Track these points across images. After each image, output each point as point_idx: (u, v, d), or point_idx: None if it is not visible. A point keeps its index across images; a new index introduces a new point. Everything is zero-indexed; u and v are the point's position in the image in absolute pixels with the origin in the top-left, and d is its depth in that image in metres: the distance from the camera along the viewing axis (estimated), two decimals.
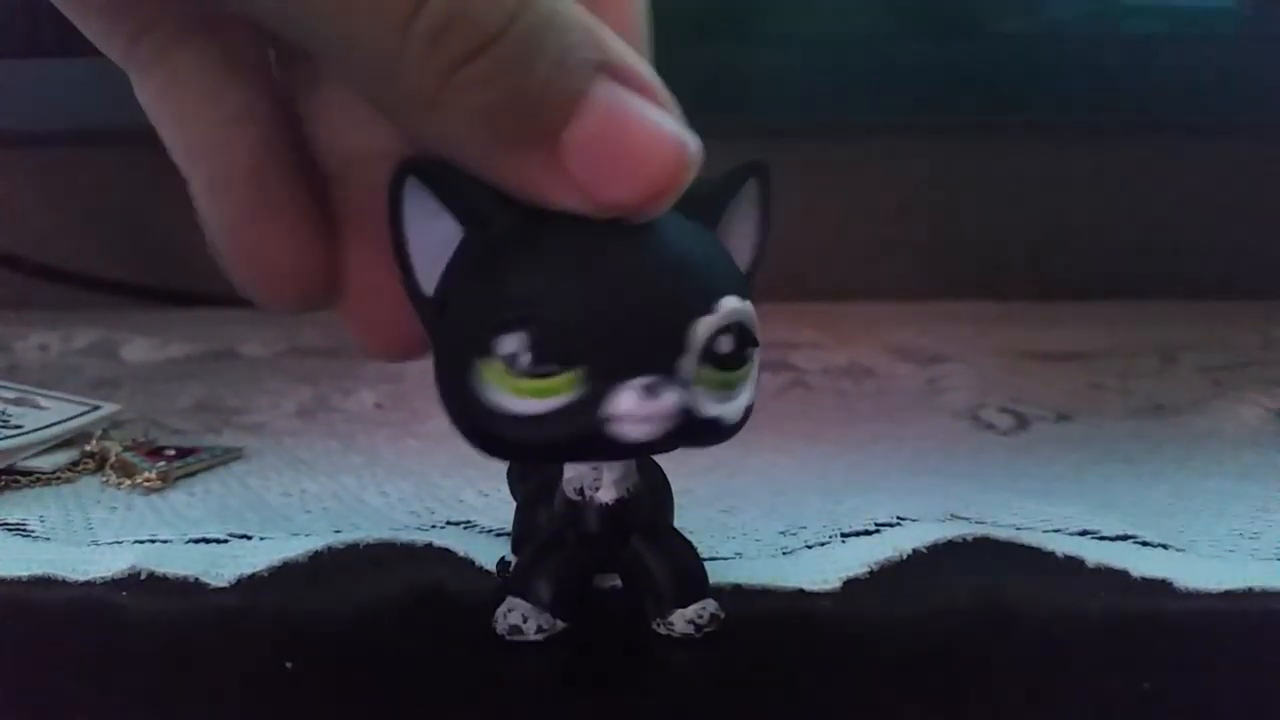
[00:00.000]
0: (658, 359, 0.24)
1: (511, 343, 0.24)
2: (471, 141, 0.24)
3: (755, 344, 0.26)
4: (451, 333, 0.26)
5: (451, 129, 0.23)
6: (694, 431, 0.25)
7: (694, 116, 0.27)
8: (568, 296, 0.24)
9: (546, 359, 0.24)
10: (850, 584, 0.32)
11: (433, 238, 0.26)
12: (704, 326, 0.25)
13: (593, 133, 0.23)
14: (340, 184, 0.28)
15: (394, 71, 0.23)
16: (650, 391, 0.24)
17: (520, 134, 0.23)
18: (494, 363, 0.24)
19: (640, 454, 0.27)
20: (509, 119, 0.23)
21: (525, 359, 0.24)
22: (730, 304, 0.25)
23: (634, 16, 0.27)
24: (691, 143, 0.24)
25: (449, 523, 0.36)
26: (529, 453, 0.27)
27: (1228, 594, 0.31)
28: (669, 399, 0.24)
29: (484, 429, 0.25)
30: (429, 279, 0.26)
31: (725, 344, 0.25)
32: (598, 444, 0.25)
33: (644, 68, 0.24)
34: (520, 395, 0.25)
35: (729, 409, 0.26)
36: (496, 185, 0.25)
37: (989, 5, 0.58)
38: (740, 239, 0.28)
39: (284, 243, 0.28)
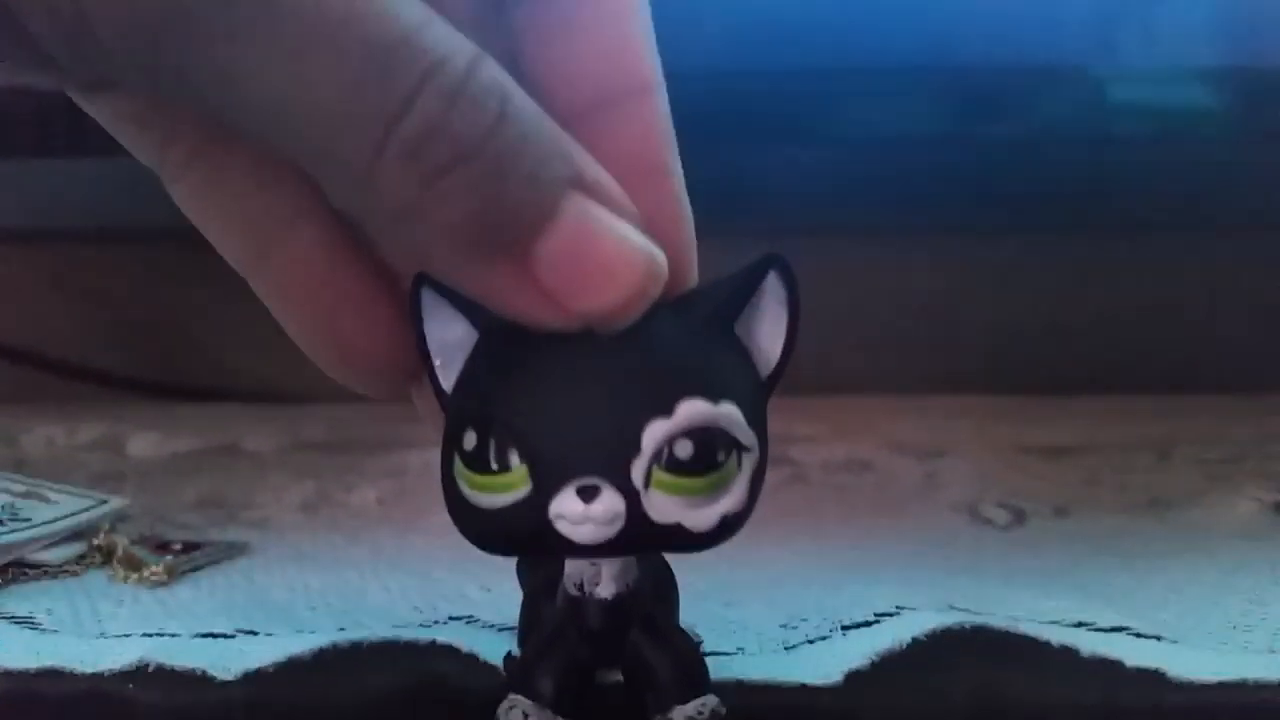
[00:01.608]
0: (602, 461, 0.25)
1: (469, 438, 0.25)
2: (445, 252, 0.24)
3: (739, 449, 0.26)
4: (447, 428, 0.27)
5: (426, 240, 0.24)
6: (650, 537, 0.25)
7: (695, 216, 0.28)
8: (520, 397, 0.25)
9: (494, 456, 0.25)
10: (851, 677, 0.32)
11: (451, 339, 0.27)
12: (657, 430, 0.25)
13: (563, 246, 0.24)
14: (403, 281, 0.28)
15: (370, 182, 0.23)
16: (586, 495, 0.24)
17: (492, 246, 0.24)
18: (459, 457, 0.26)
19: (596, 555, 0.27)
20: (482, 231, 0.23)
21: (477, 454, 0.25)
22: (692, 407, 0.25)
23: (657, 126, 0.28)
24: (658, 255, 0.25)
25: (452, 618, 0.37)
26: (493, 545, 0.27)
27: (1221, 685, 0.31)
28: (605, 503, 0.24)
29: (462, 521, 0.26)
30: (449, 377, 0.27)
31: (684, 449, 0.25)
32: (549, 542, 0.25)
33: (612, 183, 0.25)
34: (478, 490, 0.25)
35: (696, 517, 0.25)
36: (469, 295, 0.25)
37: (983, 110, 0.58)
38: (767, 337, 0.27)
39: (372, 333, 0.28)
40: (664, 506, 0.25)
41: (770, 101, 0.58)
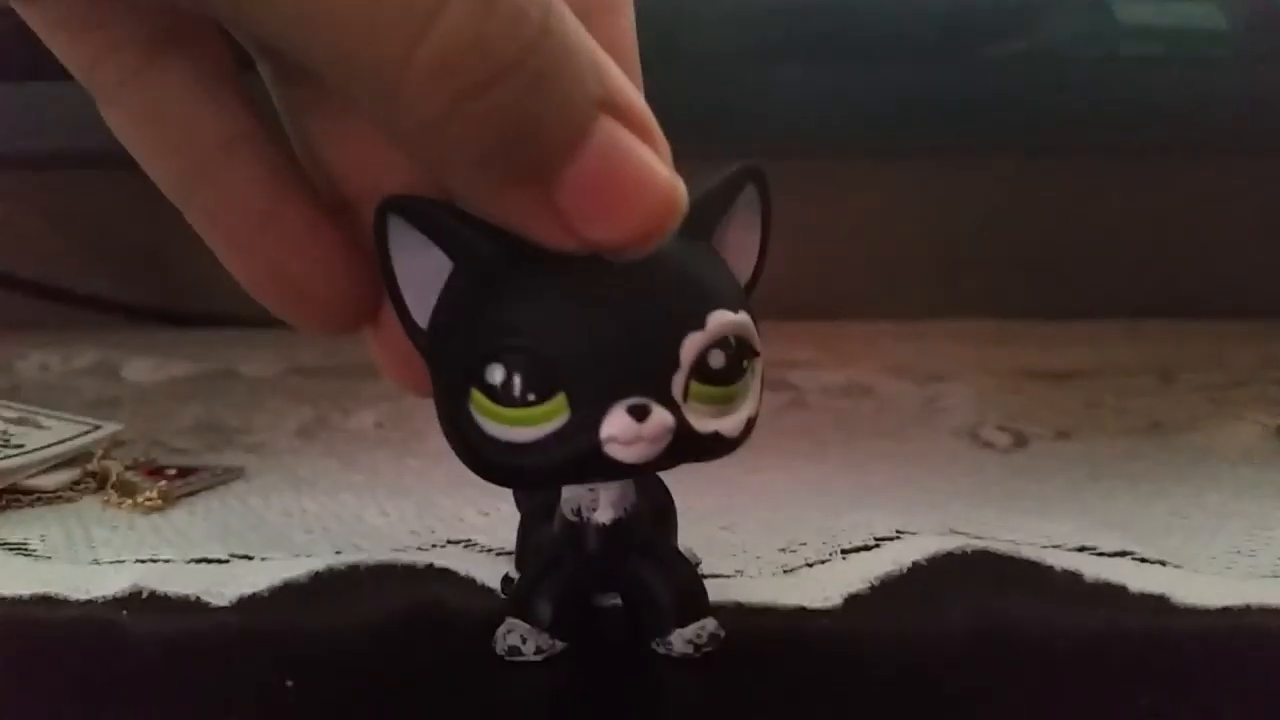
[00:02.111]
0: (645, 379, 0.24)
1: (497, 373, 0.25)
2: (470, 175, 0.23)
3: (753, 355, 0.26)
4: (445, 364, 0.26)
5: (451, 162, 0.23)
6: (692, 448, 0.25)
7: (694, 138, 0.27)
8: (549, 324, 0.25)
9: (529, 388, 0.24)
10: (851, 601, 0.32)
11: (423, 271, 0.26)
12: (693, 343, 0.25)
13: (588, 173, 0.23)
14: (360, 209, 0.27)
15: (394, 95, 0.21)
16: (638, 413, 0.24)
17: (520, 171, 0.22)
18: (483, 392, 0.25)
19: (639, 474, 0.27)
20: (510, 155, 0.22)
21: (510, 389, 0.24)
22: (721, 318, 0.25)
23: (626, 38, 0.27)
24: (681, 189, 0.24)
25: (449, 542, 0.36)
26: (528, 479, 0.27)
27: (1225, 610, 0.31)
28: (658, 420, 0.24)
29: (482, 457, 0.25)
30: (422, 311, 0.26)
31: (717, 359, 0.25)
32: (594, 467, 0.25)
33: (642, 106, 0.24)
34: (510, 425, 0.25)
35: (728, 423, 0.25)
36: (485, 218, 0.24)
37: (985, 29, 0.58)
38: (740, 248, 0.27)
39: (307, 267, 0.27)
40: (702, 416, 0.25)
41: (768, 20, 0.58)
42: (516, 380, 0.24)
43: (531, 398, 0.24)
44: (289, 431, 0.51)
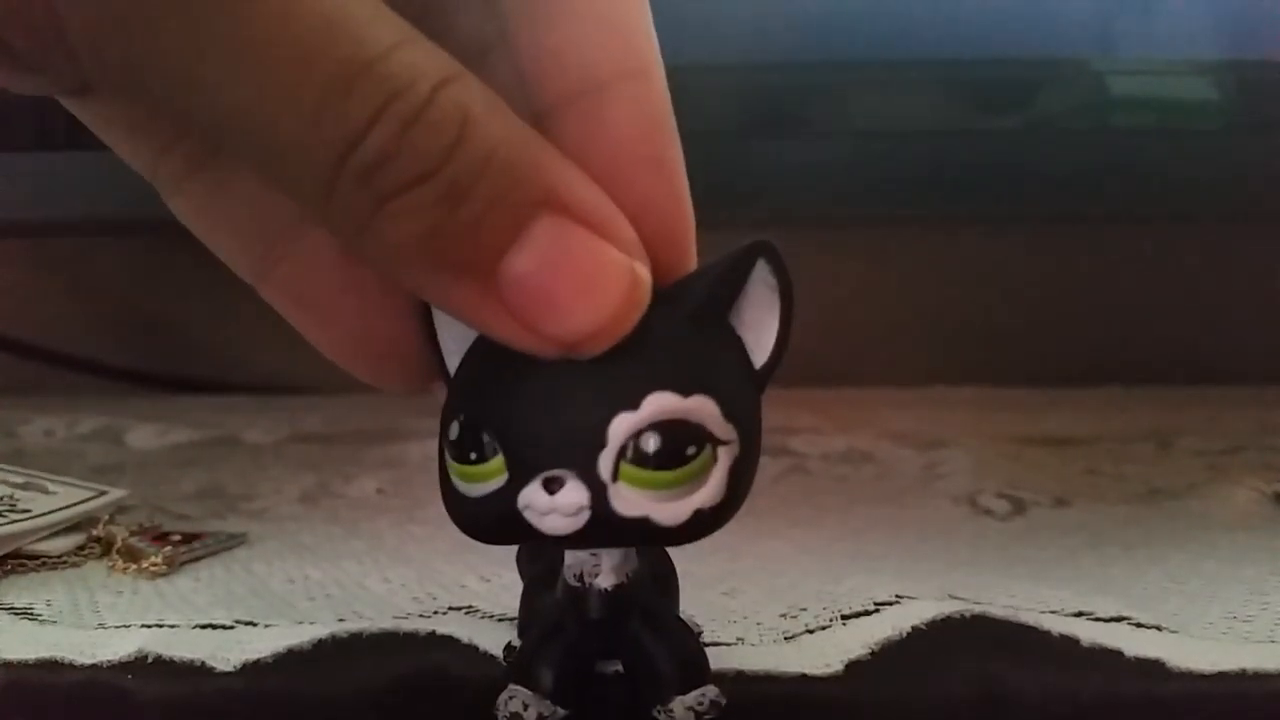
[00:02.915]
0: (568, 454, 0.25)
1: (454, 429, 0.26)
2: (406, 267, 0.24)
3: (712, 443, 0.25)
4: (441, 419, 0.27)
5: (383, 255, 0.24)
6: (620, 529, 0.25)
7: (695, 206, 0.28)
8: (497, 389, 0.25)
9: (471, 447, 0.25)
10: (851, 666, 0.32)
11: (460, 334, 0.27)
12: (623, 423, 0.25)
13: (530, 267, 0.23)
14: None
15: (327, 203, 0.23)
16: (552, 485, 0.25)
17: (455, 263, 0.23)
18: (446, 447, 0.26)
19: (570, 545, 0.27)
20: (442, 247, 0.23)
21: (460, 444, 0.26)
22: (659, 400, 0.25)
23: (655, 106, 0.27)
24: (641, 276, 0.24)
25: (451, 608, 0.37)
26: (478, 533, 0.27)
27: (1221, 675, 0.31)
28: (569, 494, 0.24)
29: (451, 508, 0.27)
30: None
31: (650, 443, 0.25)
32: (522, 531, 0.25)
33: (596, 200, 0.24)
34: (464, 480, 0.26)
35: (665, 510, 0.25)
36: (447, 312, 0.25)
37: (981, 102, 0.58)
38: (759, 327, 0.27)
39: (391, 325, 0.28)
40: (631, 499, 0.25)
41: (769, 93, 0.58)
42: (465, 438, 0.26)
43: (473, 456, 0.25)
44: (291, 498, 0.51)
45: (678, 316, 0.26)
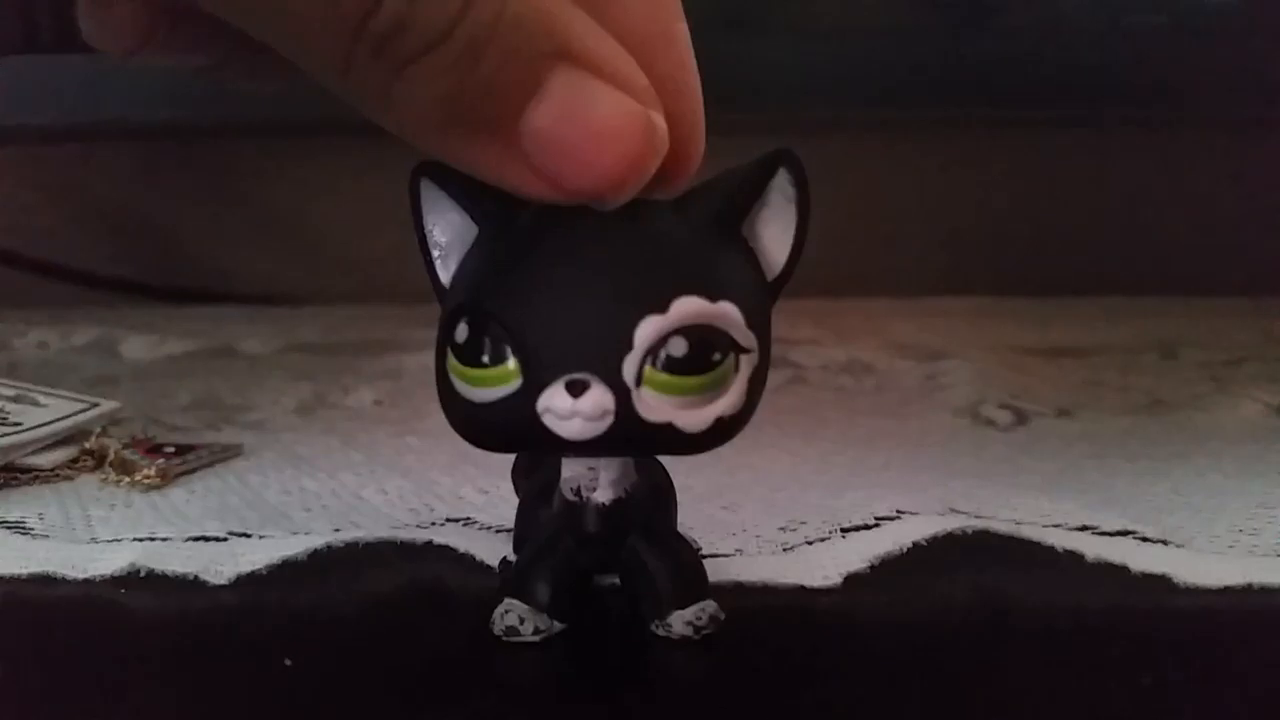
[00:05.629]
0: (593, 357, 0.24)
1: (461, 331, 0.25)
2: (434, 135, 0.24)
3: (737, 350, 0.25)
4: (441, 321, 0.26)
5: (406, 121, 0.24)
6: (639, 437, 0.25)
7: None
8: (513, 291, 0.25)
9: (483, 350, 0.25)
10: (850, 579, 0.32)
11: (452, 232, 0.27)
12: (650, 326, 0.24)
13: (549, 120, 0.23)
14: None
15: (347, 77, 0.23)
16: (575, 388, 0.24)
17: (475, 122, 0.24)
18: (451, 349, 0.25)
19: (591, 453, 0.27)
20: (461, 108, 0.23)
21: (468, 347, 0.25)
22: (687, 304, 0.24)
23: (683, 72, 0.27)
24: (657, 124, 0.24)
25: (448, 520, 0.36)
26: (483, 439, 0.27)
27: (1226, 590, 0.31)
28: (594, 398, 0.24)
29: (453, 414, 0.26)
30: (448, 272, 0.28)
31: (678, 347, 0.24)
32: (536, 437, 0.25)
33: (612, 53, 0.24)
34: (470, 384, 0.25)
35: (687, 417, 0.25)
36: (469, 173, 0.25)
37: (989, 2, 0.58)
38: (774, 237, 0.27)
39: None
40: (656, 405, 0.25)
41: None
42: (476, 340, 0.25)
43: (485, 359, 0.25)
44: (288, 409, 0.51)
45: (694, 222, 0.26)
